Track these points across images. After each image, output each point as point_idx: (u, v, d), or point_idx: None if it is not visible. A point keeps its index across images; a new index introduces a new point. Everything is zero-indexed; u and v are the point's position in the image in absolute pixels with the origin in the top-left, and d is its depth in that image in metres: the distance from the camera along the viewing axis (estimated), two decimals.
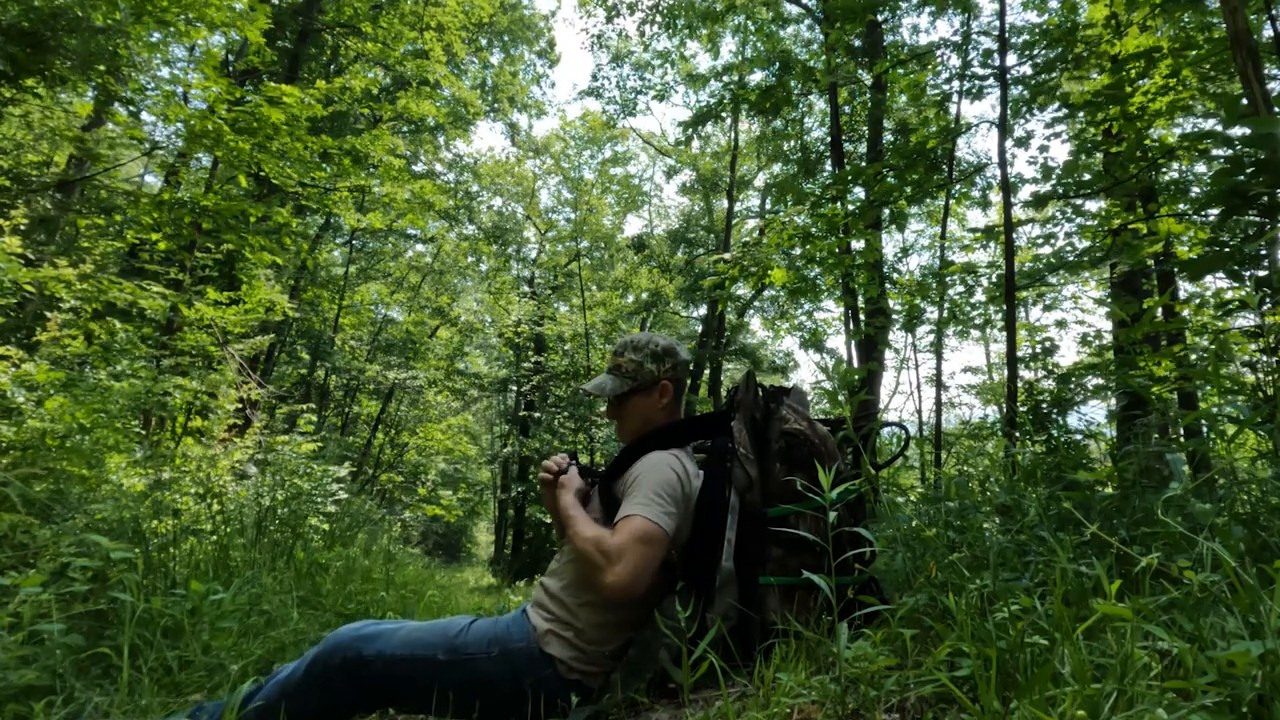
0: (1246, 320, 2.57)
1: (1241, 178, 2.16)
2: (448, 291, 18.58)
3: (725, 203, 18.61)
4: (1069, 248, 5.97)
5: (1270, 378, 2.18)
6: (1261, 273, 2.34)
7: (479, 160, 19.13)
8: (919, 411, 8.94)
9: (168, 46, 7.28)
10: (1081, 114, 5.16)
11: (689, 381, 2.31)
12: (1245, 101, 2.50)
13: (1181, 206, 4.66)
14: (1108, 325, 5.71)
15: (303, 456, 6.32)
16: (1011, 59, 5.36)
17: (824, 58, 7.55)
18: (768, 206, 19.02)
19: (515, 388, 19.37)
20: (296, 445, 6.56)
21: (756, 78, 11.99)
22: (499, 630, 1.65)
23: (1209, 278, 3.16)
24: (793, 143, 14.37)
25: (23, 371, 3.92)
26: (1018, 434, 3.03)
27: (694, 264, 19.05)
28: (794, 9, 11.18)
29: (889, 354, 9.25)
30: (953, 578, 1.59)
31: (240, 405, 7.51)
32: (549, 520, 16.37)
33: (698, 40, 12.98)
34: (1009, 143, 4.98)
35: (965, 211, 12.82)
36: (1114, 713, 0.94)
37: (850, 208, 6.28)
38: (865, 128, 10.01)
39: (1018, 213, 5.64)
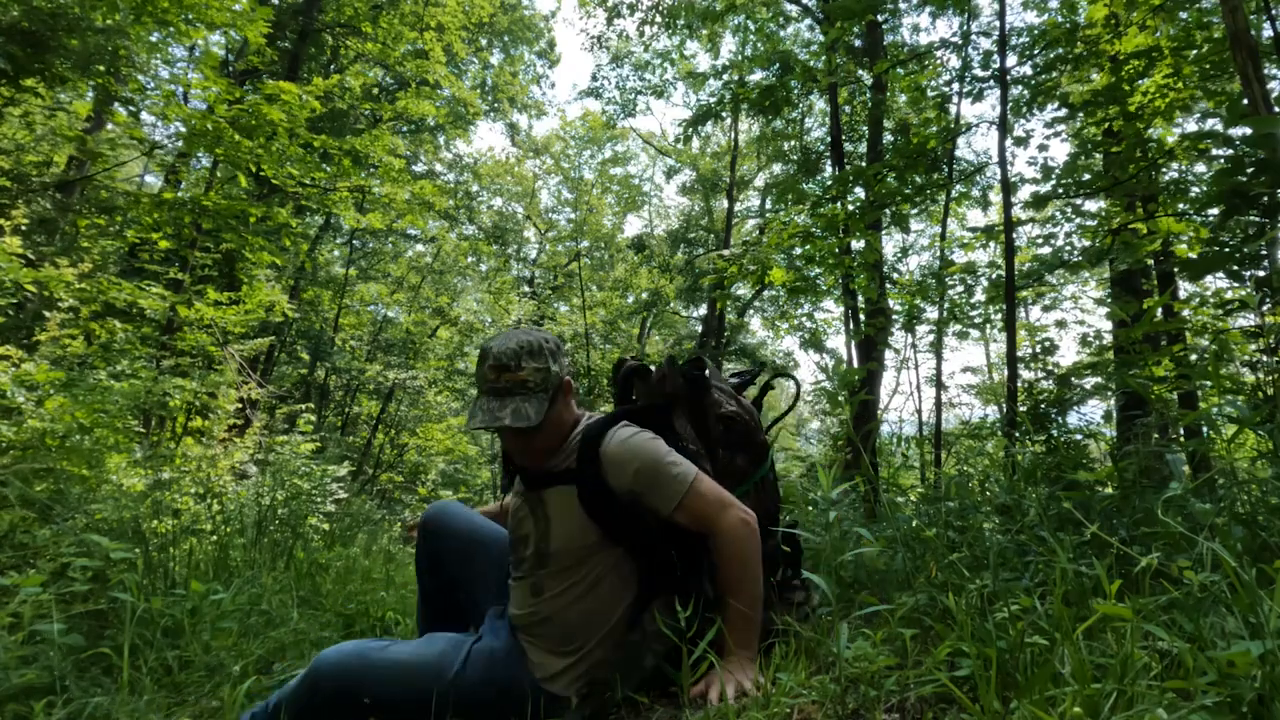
0: (1246, 320, 2.57)
1: (1242, 178, 2.16)
2: (448, 291, 18.57)
3: (725, 203, 18.61)
4: (1069, 247, 5.97)
5: (1270, 378, 2.18)
6: (1261, 273, 2.34)
7: (479, 160, 19.14)
8: (919, 411, 8.94)
9: (168, 46, 7.29)
10: (1081, 114, 5.16)
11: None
12: (1245, 101, 2.50)
13: (1181, 206, 4.66)
14: (1108, 325, 5.71)
15: (303, 456, 6.32)
16: (1011, 59, 5.37)
17: (824, 58, 7.54)
18: (768, 206, 19.02)
19: None
20: (296, 445, 6.56)
21: (756, 77, 12.00)
22: (496, 672, 1.55)
23: (1209, 278, 3.16)
24: (793, 143, 14.38)
25: (23, 371, 3.93)
26: (1018, 434, 3.03)
27: (694, 264, 19.05)
28: (794, 9, 11.19)
29: (889, 354, 9.24)
30: (953, 578, 1.59)
31: (240, 405, 7.51)
32: None
33: (698, 40, 12.98)
34: (1009, 142, 4.98)
35: (965, 211, 12.84)
36: (1114, 713, 0.94)
37: (850, 208, 6.28)
38: (865, 128, 10.01)
39: (1018, 213, 5.63)
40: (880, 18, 7.92)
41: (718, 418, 1.79)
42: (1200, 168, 4.86)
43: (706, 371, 1.85)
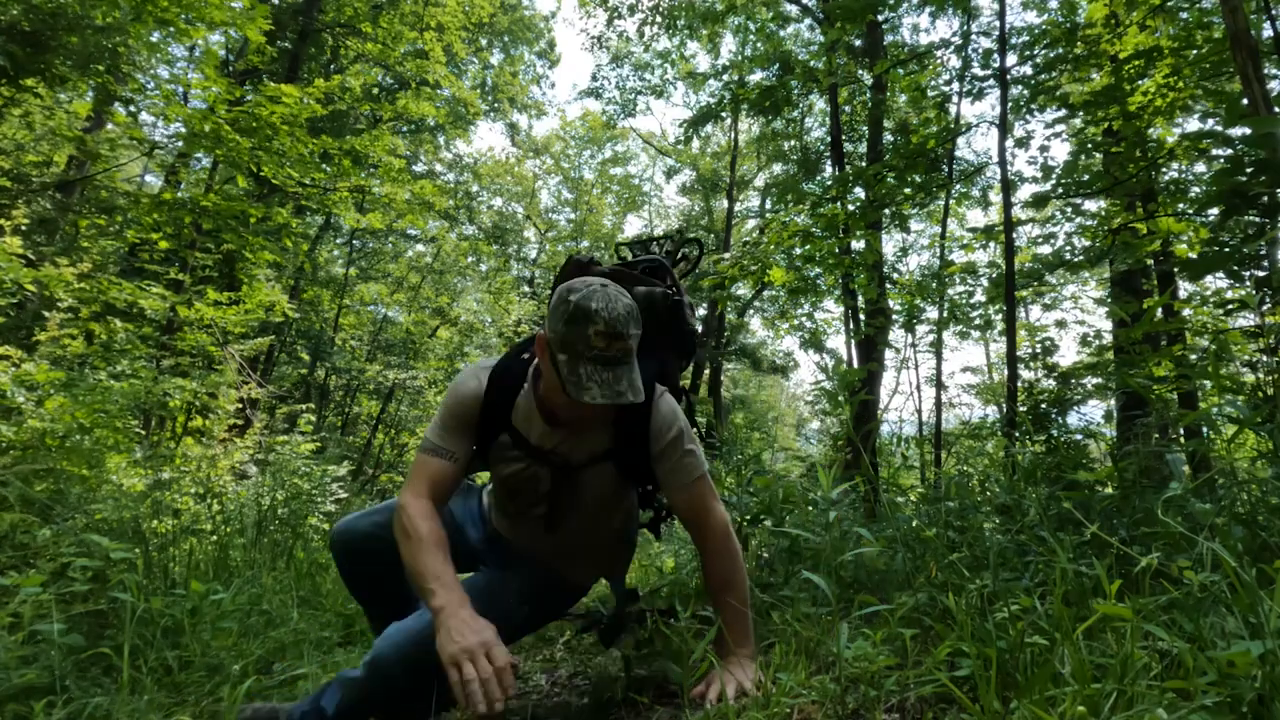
0: (1246, 320, 2.57)
1: (1242, 178, 2.16)
2: (448, 291, 18.57)
3: (725, 203, 18.61)
4: (1069, 247, 5.97)
5: (1270, 378, 2.18)
6: (1261, 273, 2.34)
7: (479, 160, 19.14)
8: (919, 411, 8.94)
9: (168, 46, 7.29)
10: (1081, 114, 5.16)
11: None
12: (1245, 101, 2.50)
13: (1181, 206, 4.66)
14: (1108, 325, 5.71)
15: (303, 456, 6.32)
16: (1011, 59, 5.37)
17: (824, 58, 7.55)
18: (768, 206, 19.01)
19: None
20: (296, 445, 6.55)
21: (756, 77, 12.00)
22: (533, 589, 1.70)
23: (1209, 278, 3.16)
24: (793, 143, 14.38)
25: (23, 371, 3.92)
26: (1018, 434, 3.03)
27: None
28: (794, 9, 11.19)
29: (889, 354, 9.25)
30: (953, 578, 1.59)
31: (240, 405, 7.51)
32: None
33: (698, 40, 12.99)
34: (1009, 143, 4.98)
35: (965, 211, 12.84)
36: (1114, 713, 0.94)
37: (850, 208, 6.28)
38: (865, 128, 10.01)
39: (1018, 213, 5.64)
40: (880, 18, 7.92)
41: (685, 334, 1.84)
42: (1200, 168, 4.86)
43: (684, 298, 1.84)
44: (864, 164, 7.83)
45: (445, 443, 1.56)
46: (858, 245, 7.03)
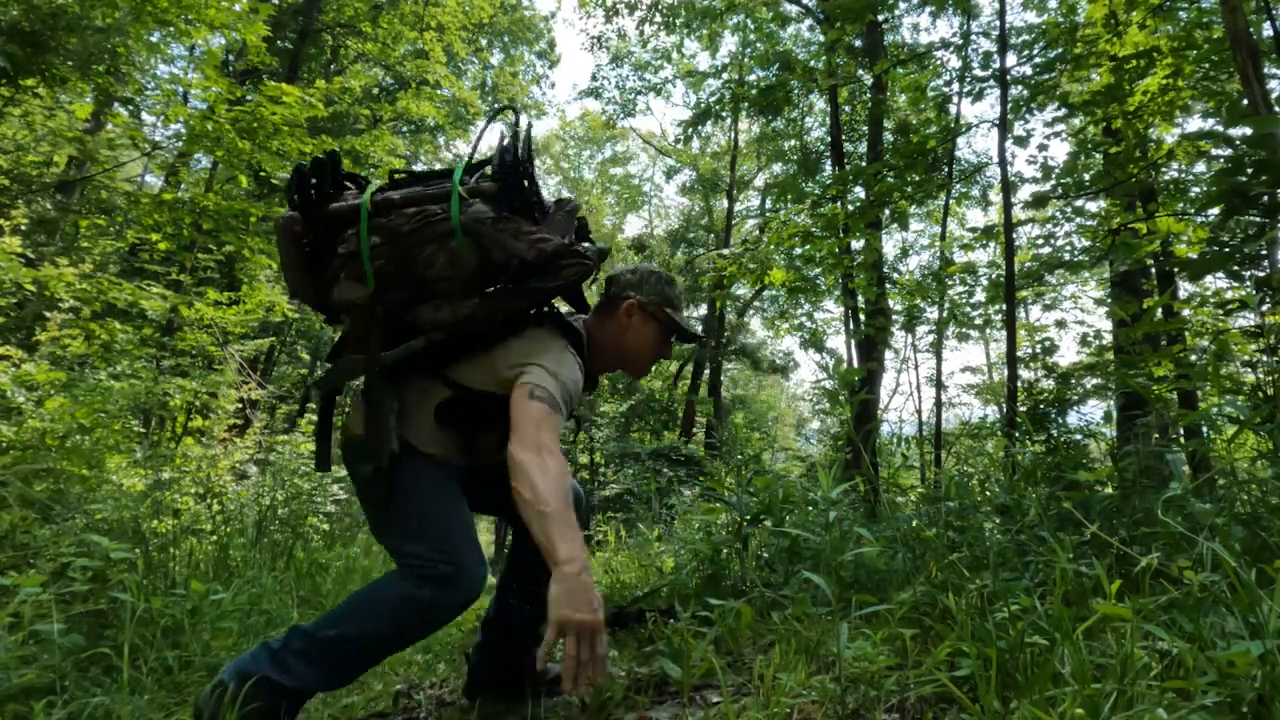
0: (1246, 320, 2.57)
1: (1242, 178, 2.15)
2: None
3: (725, 203, 18.61)
4: (1069, 247, 5.97)
5: (1270, 378, 2.18)
6: (1261, 273, 2.34)
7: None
8: (919, 411, 8.94)
9: (168, 46, 7.28)
10: (1081, 114, 5.16)
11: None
12: (1245, 101, 2.49)
13: (1181, 206, 4.65)
14: (1108, 325, 5.71)
15: (303, 456, 6.32)
16: (1011, 59, 5.37)
17: (824, 58, 7.54)
18: (768, 206, 19.00)
19: None
20: (296, 445, 6.55)
21: (755, 77, 12.00)
22: None
23: (1209, 278, 3.16)
24: (793, 142, 14.39)
25: (23, 371, 3.93)
26: (1018, 434, 3.03)
27: (694, 264, 19.04)
28: (794, 9, 11.18)
29: (889, 354, 9.25)
30: (953, 578, 1.59)
31: (240, 405, 7.52)
32: None
33: (697, 40, 12.99)
34: (1009, 142, 4.98)
35: (965, 211, 12.84)
36: (1114, 713, 0.94)
37: (850, 208, 6.28)
38: (865, 128, 10.01)
39: (1018, 213, 5.64)
40: (880, 18, 7.91)
41: None
42: (1200, 168, 4.86)
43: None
44: (864, 164, 7.82)
45: (565, 411, 1.49)
46: (857, 245, 7.02)
